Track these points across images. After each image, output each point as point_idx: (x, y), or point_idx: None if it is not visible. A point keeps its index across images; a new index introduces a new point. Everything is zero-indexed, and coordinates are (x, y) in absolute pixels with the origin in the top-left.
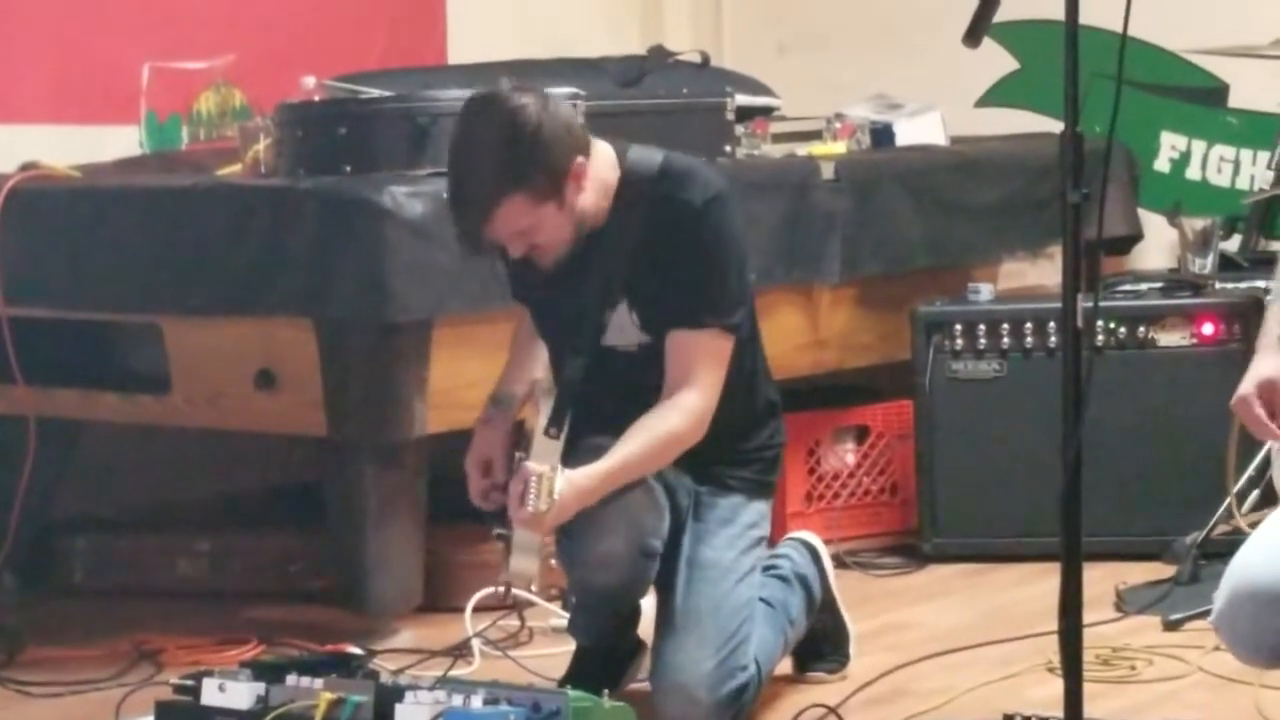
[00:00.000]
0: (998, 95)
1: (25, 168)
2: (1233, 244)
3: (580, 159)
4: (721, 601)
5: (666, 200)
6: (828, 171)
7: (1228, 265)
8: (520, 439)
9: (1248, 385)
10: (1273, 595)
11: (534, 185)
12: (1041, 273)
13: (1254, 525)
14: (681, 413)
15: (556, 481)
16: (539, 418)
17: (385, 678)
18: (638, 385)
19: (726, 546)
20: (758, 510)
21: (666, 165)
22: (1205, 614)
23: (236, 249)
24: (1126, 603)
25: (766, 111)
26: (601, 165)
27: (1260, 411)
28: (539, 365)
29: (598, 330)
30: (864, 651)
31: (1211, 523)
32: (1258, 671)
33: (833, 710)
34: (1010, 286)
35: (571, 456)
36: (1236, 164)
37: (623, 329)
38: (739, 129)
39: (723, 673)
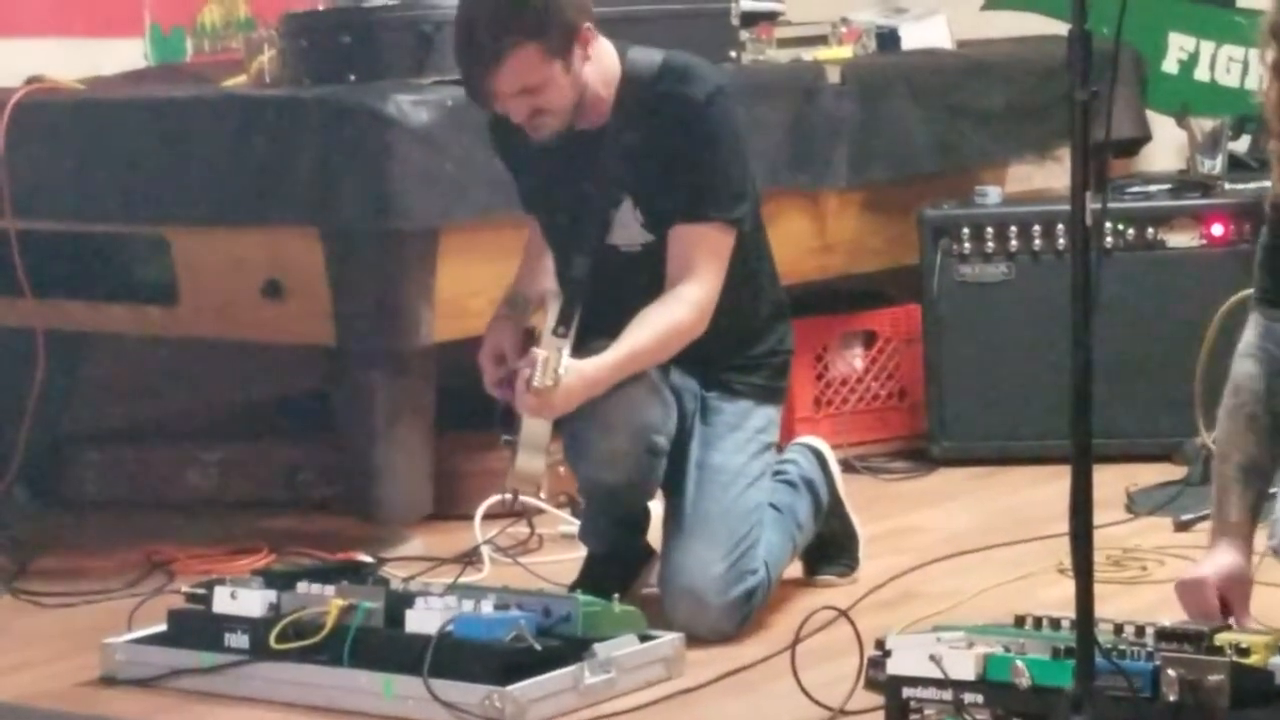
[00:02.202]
0: None
1: (30, 81)
2: (1242, 144)
3: (589, 24)
4: (731, 506)
5: (668, 96)
6: (834, 76)
7: (1237, 166)
8: (530, 342)
9: (1207, 570)
10: None
11: (545, 39)
12: (1049, 175)
13: None
14: (684, 304)
15: (562, 361)
16: (548, 321)
17: (396, 585)
18: (642, 286)
19: (735, 451)
20: (766, 415)
21: (667, 63)
22: None
23: (242, 159)
24: (1137, 504)
25: (771, 16)
26: (605, 55)
27: (1214, 600)
28: (550, 275)
29: (602, 228)
30: (873, 555)
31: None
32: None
33: (843, 613)
34: (1018, 189)
35: (578, 356)
36: (1245, 64)
37: (627, 227)
38: (744, 34)
39: (732, 576)
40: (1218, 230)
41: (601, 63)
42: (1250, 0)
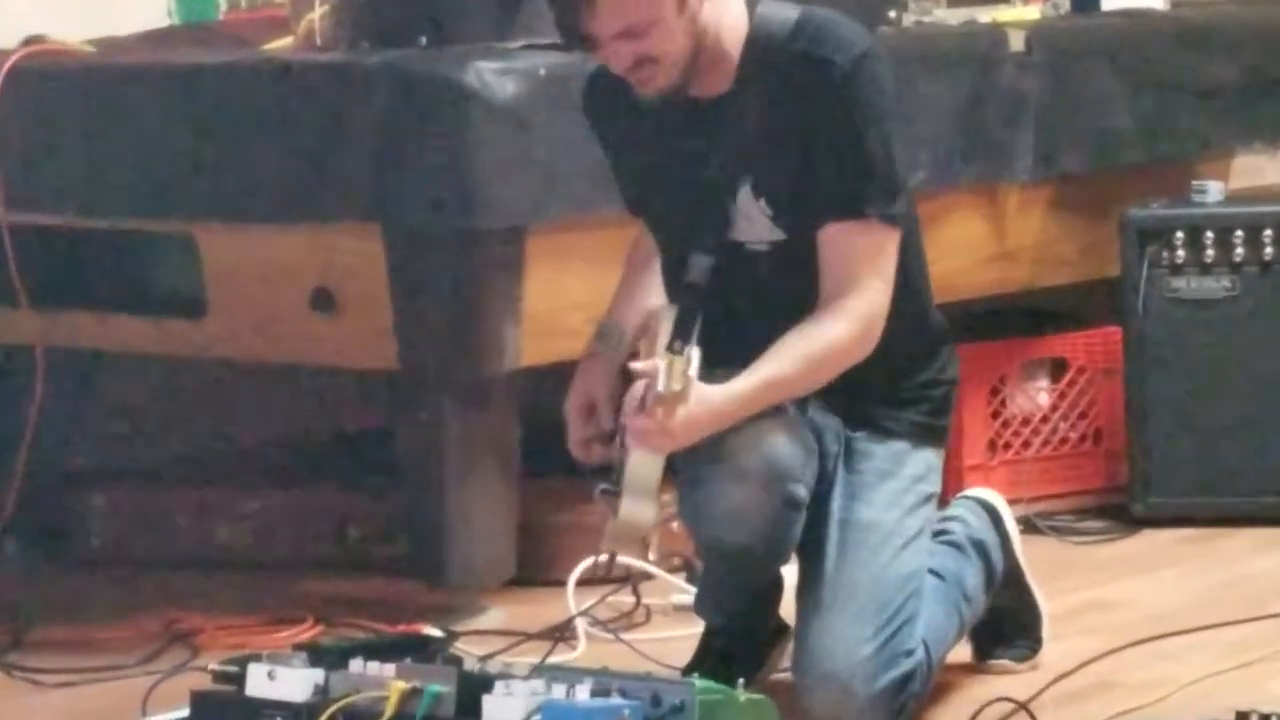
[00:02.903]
0: None
1: (29, 42)
2: None
3: None
4: (882, 572)
5: (804, 60)
6: (1017, 43)
7: None
8: (629, 385)
9: None
10: None
11: None
12: None
13: None
14: (845, 319)
15: (692, 364)
16: (660, 339)
17: (470, 664)
18: (773, 298)
19: (888, 505)
20: (925, 460)
21: (804, 20)
22: None
23: (287, 141)
24: None
25: None
26: (732, 5)
27: None
28: (657, 292)
29: (724, 221)
30: (1059, 635)
31: None
32: None
33: (1022, 706)
34: (1246, 185)
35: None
36: None
37: (751, 220)
38: None
39: (883, 659)
40: None
41: (727, 14)
42: None
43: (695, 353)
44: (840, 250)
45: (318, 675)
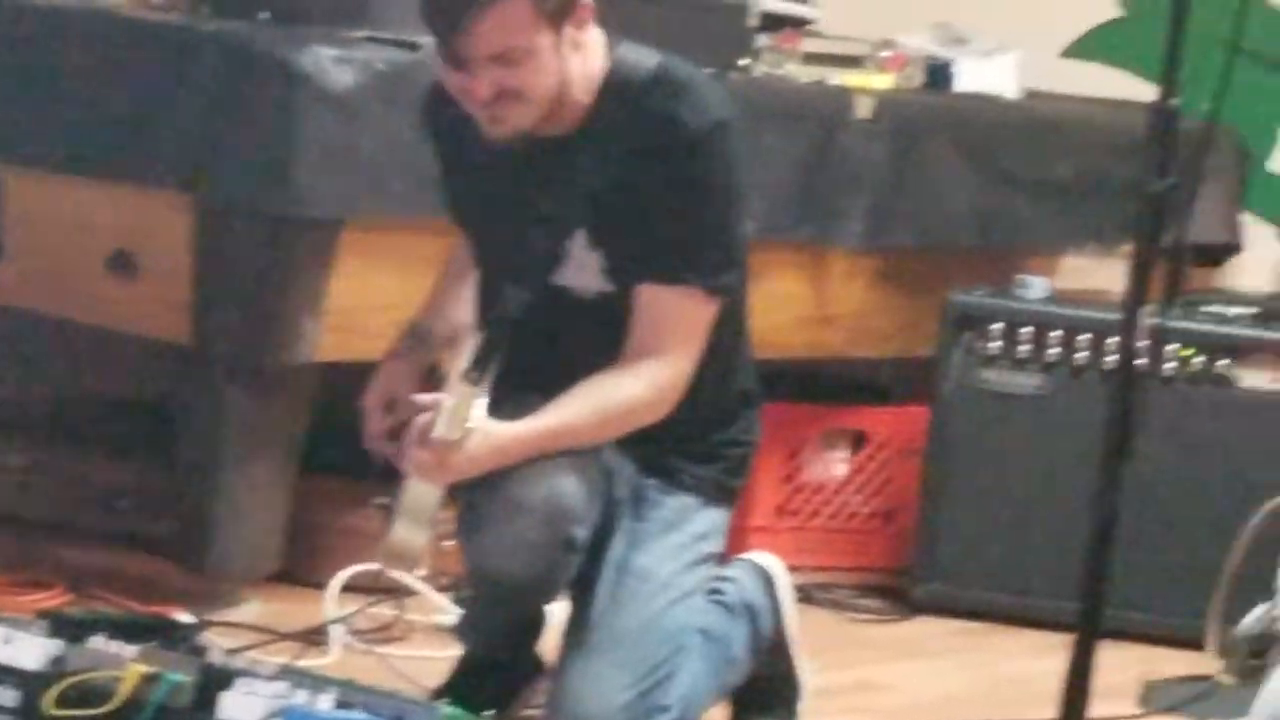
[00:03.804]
0: (1092, 46)
1: None
2: None
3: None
4: (650, 623)
5: (656, 115)
6: (864, 109)
7: None
8: (431, 386)
9: None
10: None
11: None
12: (1113, 275)
13: None
14: (644, 382)
15: (473, 410)
16: (459, 361)
17: (216, 656)
18: (594, 344)
19: (668, 557)
20: (712, 519)
21: (662, 72)
22: None
23: (108, 95)
24: (1153, 698)
25: (799, 23)
26: (593, 47)
27: None
28: (469, 306)
29: (550, 260)
30: (819, 711)
31: (1272, 622)
32: None
33: None
34: (1071, 285)
35: (493, 413)
36: None
37: (582, 268)
38: (762, 39)
39: (639, 711)
40: None
41: (587, 55)
42: None
43: (482, 399)
44: (654, 312)
45: (55, 646)
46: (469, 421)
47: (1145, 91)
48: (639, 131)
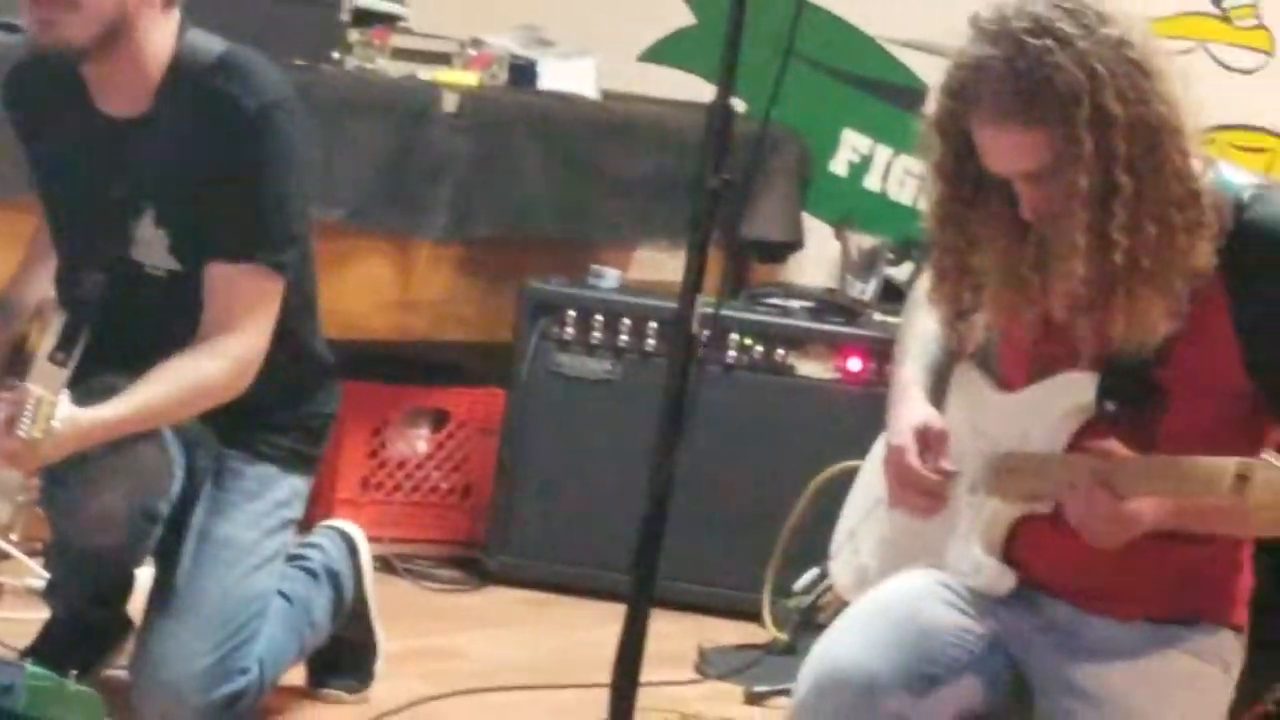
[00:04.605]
0: (667, 51)
1: None
2: (903, 271)
3: None
4: (232, 588)
5: (218, 97)
6: (450, 104)
7: (892, 295)
8: (18, 360)
9: (896, 438)
10: (862, 686)
11: None
12: (681, 267)
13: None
14: (220, 360)
15: (58, 409)
16: (46, 339)
17: None
18: (169, 320)
19: (249, 525)
20: (292, 487)
21: (226, 57)
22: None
23: None
24: (708, 664)
25: (390, 20)
26: (164, 26)
27: (915, 462)
28: (51, 282)
29: (124, 240)
30: (393, 674)
31: (822, 587)
32: None
33: None
34: (643, 277)
35: (79, 394)
36: (923, 181)
37: (150, 247)
38: (353, 34)
39: (219, 673)
40: (855, 365)
41: (158, 30)
42: None
43: (64, 398)
44: (224, 290)
45: None
46: (54, 419)
47: (713, 94)
48: (202, 113)
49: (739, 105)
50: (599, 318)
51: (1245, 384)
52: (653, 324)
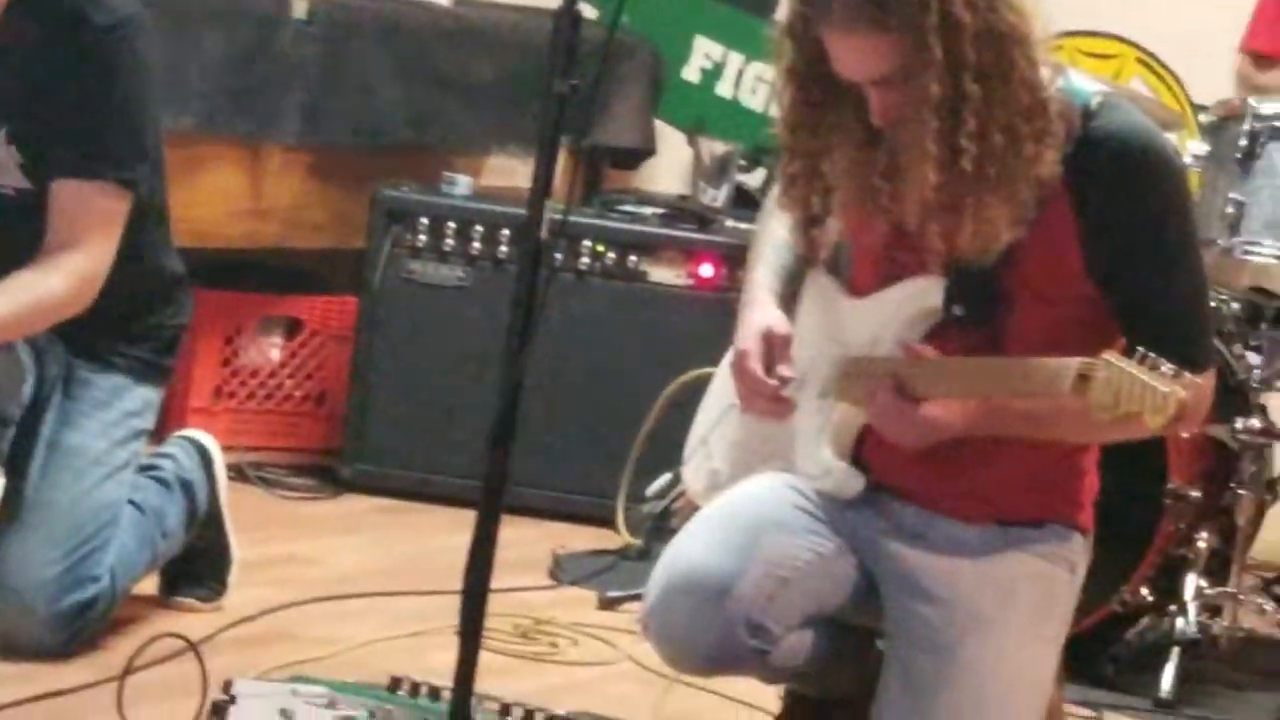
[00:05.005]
0: None
1: None
2: (755, 178)
3: None
4: (82, 497)
5: (67, 15)
6: (300, 10)
7: (745, 201)
8: None
9: (742, 342)
10: (712, 588)
11: None
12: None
13: None
14: (64, 276)
15: None
16: None
17: None
18: (24, 240)
19: (99, 434)
20: (143, 397)
21: None
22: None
23: None
24: (562, 570)
25: None
26: None
27: (756, 366)
28: None
29: None
30: (248, 582)
31: (675, 492)
32: None
33: (193, 646)
34: (496, 184)
35: None
36: (775, 87)
37: (3, 166)
38: None
39: (68, 581)
40: (706, 270)
41: None
42: None
43: None
44: (70, 206)
45: None
46: None
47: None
48: (51, 30)
49: (589, 11)
50: (451, 225)
51: (1088, 288)
52: (505, 231)
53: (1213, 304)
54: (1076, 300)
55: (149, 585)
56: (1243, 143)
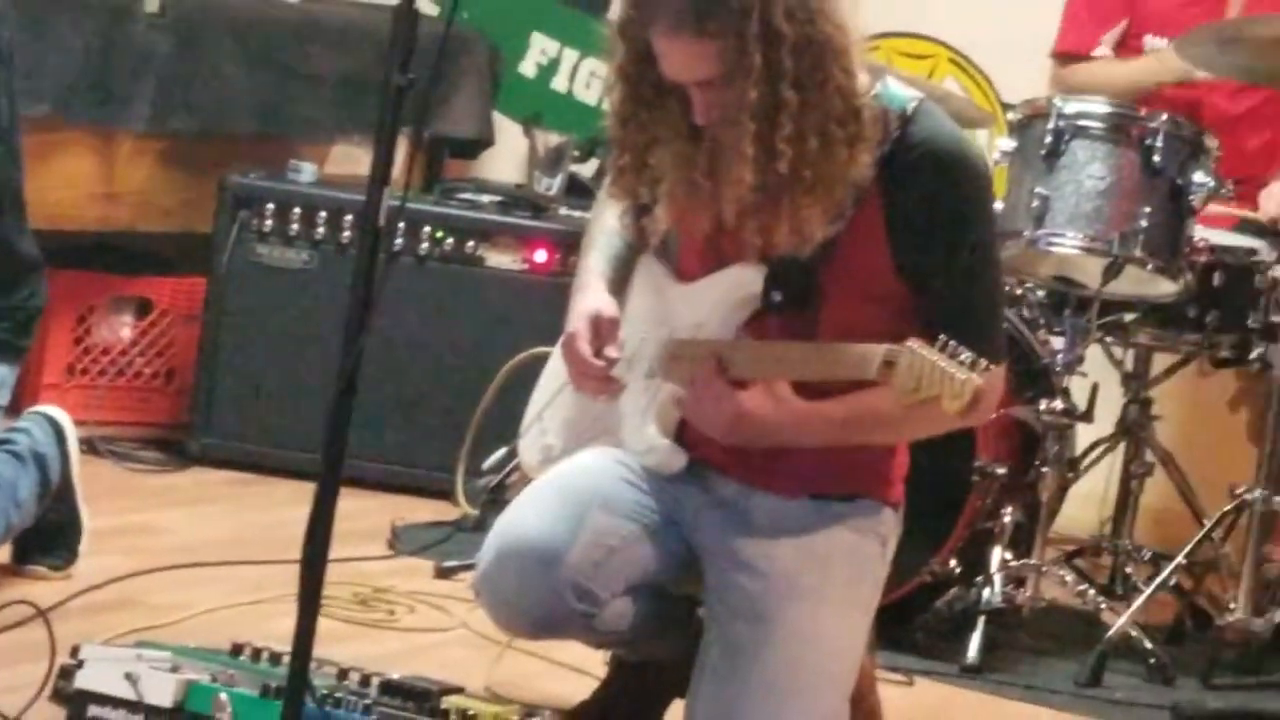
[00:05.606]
0: None
1: None
2: (588, 168)
3: None
4: None
5: None
6: (152, 3)
7: (578, 190)
8: None
9: (576, 323)
10: (542, 555)
11: None
12: None
13: None
14: None
15: None
16: None
17: None
18: None
19: None
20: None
21: None
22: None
23: None
24: (400, 541)
25: None
26: None
27: (584, 348)
28: None
29: None
30: (97, 551)
31: (510, 466)
32: None
33: (41, 613)
34: (340, 172)
35: None
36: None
37: None
38: None
39: None
40: (540, 256)
41: None
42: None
43: None
44: None
45: None
46: None
47: None
48: None
49: (428, 8)
50: (296, 210)
51: (895, 284)
52: (348, 216)
53: (1019, 292)
54: (883, 294)
55: (2, 554)
56: (1048, 140)
